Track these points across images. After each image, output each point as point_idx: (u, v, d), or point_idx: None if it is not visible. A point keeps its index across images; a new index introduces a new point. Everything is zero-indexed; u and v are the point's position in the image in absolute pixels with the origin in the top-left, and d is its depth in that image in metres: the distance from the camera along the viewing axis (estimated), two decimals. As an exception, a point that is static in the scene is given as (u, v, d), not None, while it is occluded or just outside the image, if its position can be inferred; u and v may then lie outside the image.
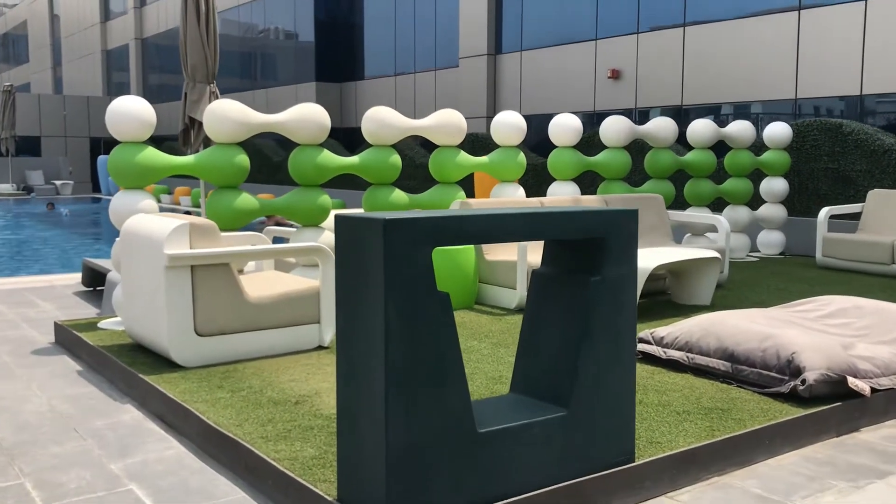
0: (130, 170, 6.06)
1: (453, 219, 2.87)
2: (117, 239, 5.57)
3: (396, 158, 7.33)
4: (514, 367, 3.50)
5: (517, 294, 6.69)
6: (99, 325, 6.18)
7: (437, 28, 20.90)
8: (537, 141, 16.95)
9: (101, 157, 31.15)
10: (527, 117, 17.29)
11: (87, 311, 7.44)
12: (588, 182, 14.11)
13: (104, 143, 36.63)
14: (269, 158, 24.76)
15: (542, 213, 3.09)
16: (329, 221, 7.68)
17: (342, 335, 3.01)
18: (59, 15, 47.67)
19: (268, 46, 28.85)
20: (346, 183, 20.63)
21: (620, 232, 3.29)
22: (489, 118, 18.66)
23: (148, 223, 5.19)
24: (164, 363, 5.07)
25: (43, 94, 37.94)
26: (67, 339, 5.98)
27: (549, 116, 16.94)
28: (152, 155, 6.15)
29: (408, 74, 22.19)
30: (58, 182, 31.36)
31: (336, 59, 25.11)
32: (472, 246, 6.87)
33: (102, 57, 41.80)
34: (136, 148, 6.10)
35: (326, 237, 6.96)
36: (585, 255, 3.31)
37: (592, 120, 16.40)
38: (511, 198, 7.48)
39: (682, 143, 13.44)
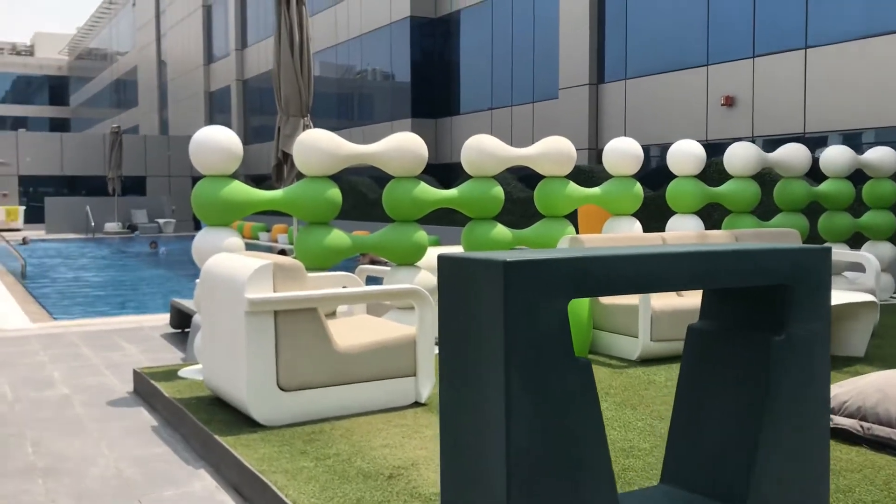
0: (214, 205, 5.60)
1: (597, 261, 2.17)
2: (198, 280, 5.09)
3: (499, 190, 6.68)
4: (666, 451, 2.74)
5: (639, 343, 5.88)
6: (180, 373, 5.70)
7: (535, 59, 20.34)
8: (644, 173, 16.06)
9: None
10: (631, 149, 16.42)
11: (172, 355, 7.02)
12: (703, 216, 13.13)
13: (206, 183, 37.46)
14: (364, 196, 24.57)
15: (712, 252, 2.35)
16: (426, 260, 7.07)
17: (448, 408, 2.34)
18: (167, 61, 49.55)
19: (364, 85, 28.94)
20: (442, 219, 20.14)
21: (811, 276, 2.51)
22: (591, 150, 17.88)
23: (229, 263, 4.67)
24: (244, 421, 4.50)
25: (149, 135, 39.27)
26: (145, 389, 5.52)
27: (658, 147, 16.04)
28: (238, 189, 5.68)
29: (504, 108, 21.66)
30: (161, 220, 32.11)
31: (431, 94, 24.86)
32: (585, 287, 6.12)
33: (205, 98, 43.04)
34: (220, 182, 5.65)
35: (423, 278, 6.34)
36: (764, 307, 2.54)
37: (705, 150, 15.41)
38: (627, 233, 6.72)
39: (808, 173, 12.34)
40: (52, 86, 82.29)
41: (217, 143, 5.56)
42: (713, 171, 12.89)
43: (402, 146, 6.19)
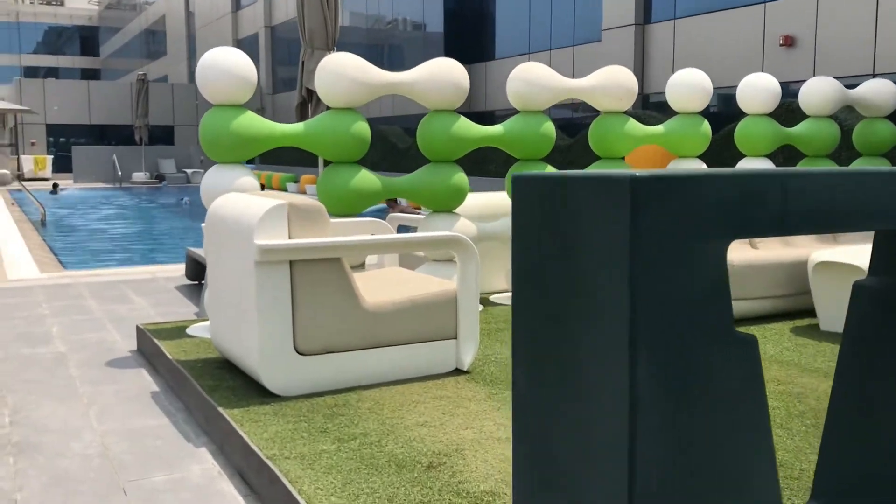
0: (225, 139, 4.86)
1: (774, 178, 1.40)
2: (203, 224, 4.38)
3: (549, 127, 5.87)
4: (820, 455, 1.97)
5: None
6: (188, 330, 5.04)
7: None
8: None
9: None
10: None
11: (185, 309, 6.37)
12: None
13: (234, 133, 36.84)
14: (393, 146, 23.74)
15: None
16: (466, 206, 6.30)
17: (525, 394, 1.61)
18: (194, 10, 48.65)
19: (394, 33, 27.91)
20: (473, 170, 19.28)
21: None
22: (637, 95, 16.84)
23: (237, 204, 3.95)
24: (255, 389, 3.82)
25: (176, 84, 38.61)
26: (149, 349, 4.86)
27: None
28: (252, 121, 4.94)
29: (542, 52, 20.61)
30: (189, 170, 31.58)
31: (465, 40, 23.82)
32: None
33: (233, 46, 42.22)
34: (231, 112, 4.90)
35: (463, 226, 5.58)
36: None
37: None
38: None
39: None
40: (82, 36, 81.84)
41: (227, 67, 4.80)
42: (774, 114, 11.89)
43: (440, 74, 5.39)
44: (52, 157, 32.84)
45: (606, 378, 1.37)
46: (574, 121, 19.63)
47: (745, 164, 6.88)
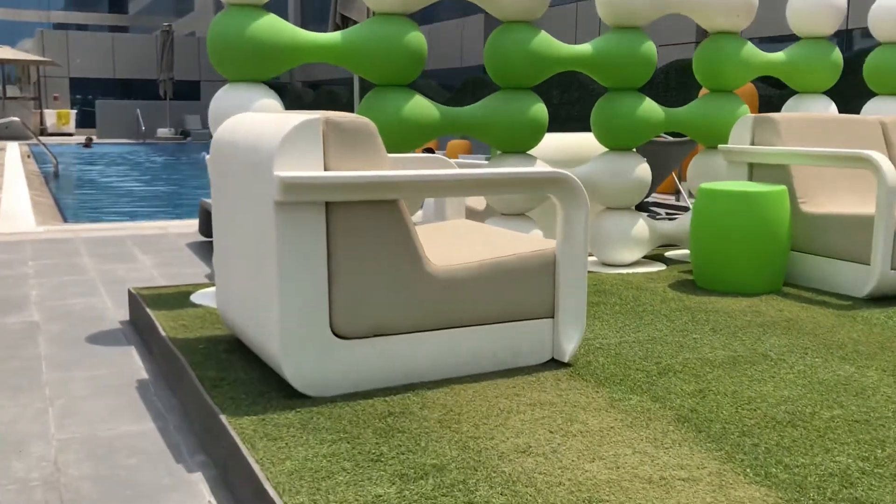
0: (239, 48, 3.71)
1: None
2: (206, 155, 3.26)
3: (650, 48, 4.64)
4: None
5: (873, 271, 3.89)
6: (193, 297, 3.95)
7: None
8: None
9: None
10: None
11: (195, 270, 5.29)
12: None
13: (262, 89, 35.68)
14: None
15: None
16: (540, 150, 5.12)
17: None
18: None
19: (430, -21, 26.49)
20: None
21: None
22: (698, 43, 15.36)
23: (252, 125, 2.80)
24: (276, 385, 2.71)
25: (202, 38, 37.43)
26: (143, 320, 3.77)
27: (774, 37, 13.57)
28: (274, 26, 3.78)
29: (567, 4, 19.14)
30: (215, 127, 30.51)
31: (506, -12, 22.36)
32: (784, 188, 4.12)
33: None
34: (248, 14, 3.74)
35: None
36: None
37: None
38: (822, 115, 4.66)
39: None
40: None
41: (243, -49, 3.63)
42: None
43: (517, -26, 4.18)
44: (75, 111, 31.94)
45: None
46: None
47: (876, 105, 5.61)
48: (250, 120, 2.88)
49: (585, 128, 16.07)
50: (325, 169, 2.54)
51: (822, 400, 2.61)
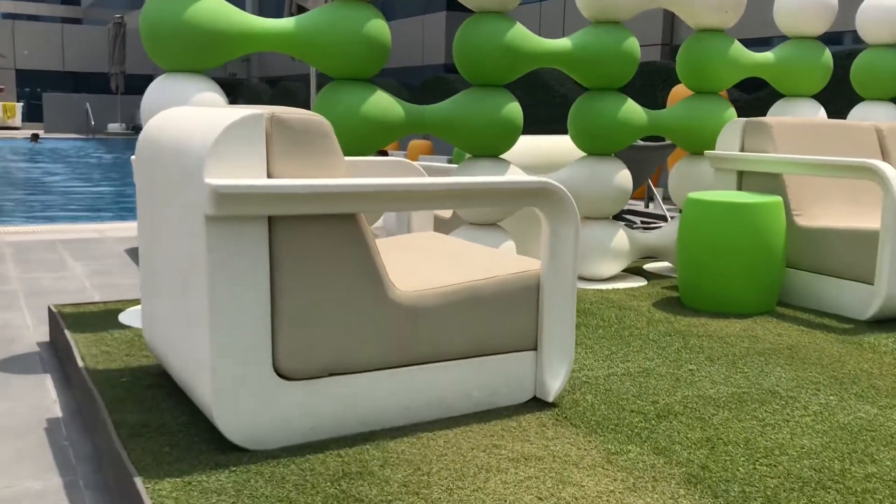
0: (176, 34, 3.25)
1: None
2: (132, 157, 2.80)
3: (632, 44, 4.27)
4: None
5: (877, 293, 3.56)
6: (121, 316, 3.47)
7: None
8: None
9: (212, 98, 29.24)
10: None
11: (131, 281, 4.79)
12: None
13: (219, 84, 34.88)
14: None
15: None
16: (513, 153, 4.72)
17: None
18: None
19: (391, -24, 26.01)
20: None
21: None
22: (665, 45, 15.16)
23: (184, 121, 2.34)
24: (207, 433, 2.26)
25: (158, 32, 36.47)
26: (63, 344, 3.28)
27: (758, 39, 13.38)
28: (218, 9, 3.32)
29: (532, 3, 18.85)
30: (168, 123, 29.66)
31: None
32: (780, 199, 3.78)
33: None
34: (188, -6, 3.28)
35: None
36: None
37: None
38: (816, 120, 4.34)
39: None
40: (62, -17, 78.79)
41: (181, -78, 3.16)
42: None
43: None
44: (22, 104, 30.81)
45: None
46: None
47: (862, 111, 5.32)
48: (181, 115, 2.42)
49: (548, 132, 15.77)
50: (269, 176, 2.10)
51: (850, 452, 2.24)
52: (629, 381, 2.80)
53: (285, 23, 3.52)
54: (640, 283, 4.40)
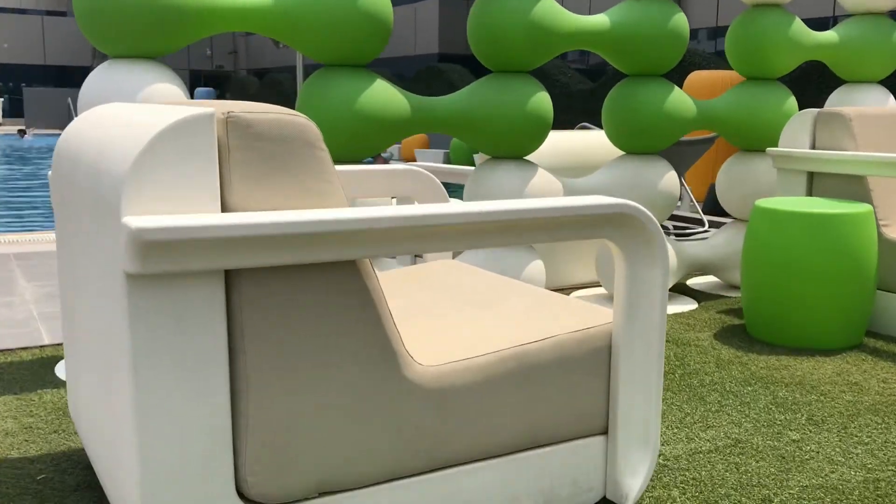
0: (121, 9, 2.53)
1: None
2: (49, 173, 2.08)
3: (681, 20, 3.57)
4: None
5: None
6: (58, 368, 2.76)
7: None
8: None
9: (198, 90, 28.48)
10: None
11: (88, 306, 4.05)
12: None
13: (204, 77, 34.02)
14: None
15: None
16: (540, 152, 4.02)
17: None
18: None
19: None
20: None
21: None
22: (710, 28, 14.38)
23: (105, 127, 1.63)
24: (142, 579, 1.55)
25: (142, 24, 35.61)
26: (-21, 405, 2.56)
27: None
28: (173, -24, 2.60)
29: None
30: (153, 117, 28.85)
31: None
32: (870, 208, 3.09)
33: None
34: (134, -42, 2.55)
35: (543, 183, 3.29)
36: None
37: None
38: (880, 108, 3.65)
39: None
40: (46, -24, 77.67)
41: None
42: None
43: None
44: (2, 100, 29.93)
45: None
46: (596, 66, 17.27)
47: (847, 94, 4.62)
48: (109, 115, 1.70)
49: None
50: (225, 207, 1.39)
51: None
52: (720, 461, 2.11)
53: (261, -5, 2.80)
54: (689, 305, 3.71)
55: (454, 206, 1.52)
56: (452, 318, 1.88)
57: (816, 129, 3.55)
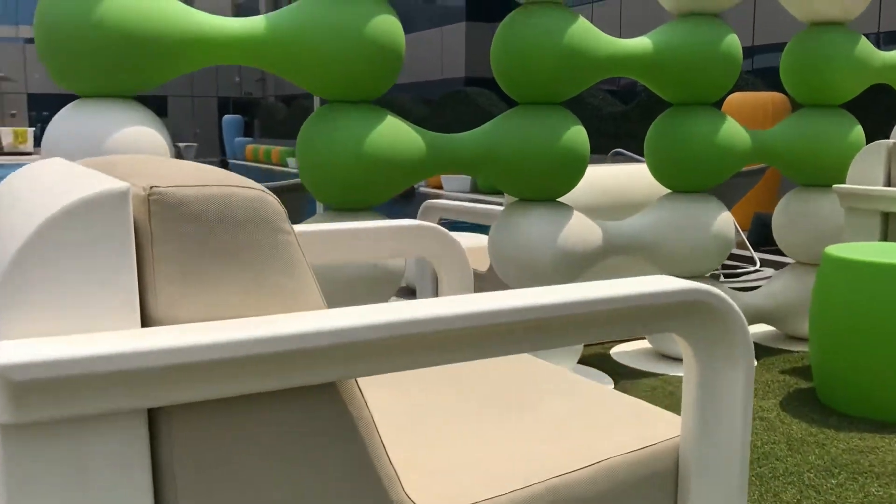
0: (87, 41, 2.18)
1: None
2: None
3: (733, 42, 3.16)
4: None
5: None
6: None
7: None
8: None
9: (226, 118, 28.51)
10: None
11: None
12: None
13: (233, 103, 34.12)
14: (405, 117, 20.96)
15: None
16: (582, 191, 3.62)
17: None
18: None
19: (408, -13, 25.07)
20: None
21: None
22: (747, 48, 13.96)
23: (21, 197, 1.25)
24: None
25: (171, 52, 35.92)
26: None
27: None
28: (146, 5, 2.24)
29: (584, 5, 17.76)
30: (181, 144, 28.89)
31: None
32: (964, 256, 2.64)
33: (232, 5, 39.23)
34: (102, -18, 2.21)
35: (580, 228, 2.89)
36: None
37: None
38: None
39: None
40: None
41: None
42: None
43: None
44: (33, 129, 30.16)
45: None
46: (627, 87, 16.88)
47: None
48: (35, 177, 1.33)
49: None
50: (147, 319, 1.00)
51: None
52: None
53: (252, 23, 2.44)
54: (747, 363, 3.27)
55: (454, 305, 1.12)
56: (471, 427, 1.47)
57: (892, 163, 3.11)
